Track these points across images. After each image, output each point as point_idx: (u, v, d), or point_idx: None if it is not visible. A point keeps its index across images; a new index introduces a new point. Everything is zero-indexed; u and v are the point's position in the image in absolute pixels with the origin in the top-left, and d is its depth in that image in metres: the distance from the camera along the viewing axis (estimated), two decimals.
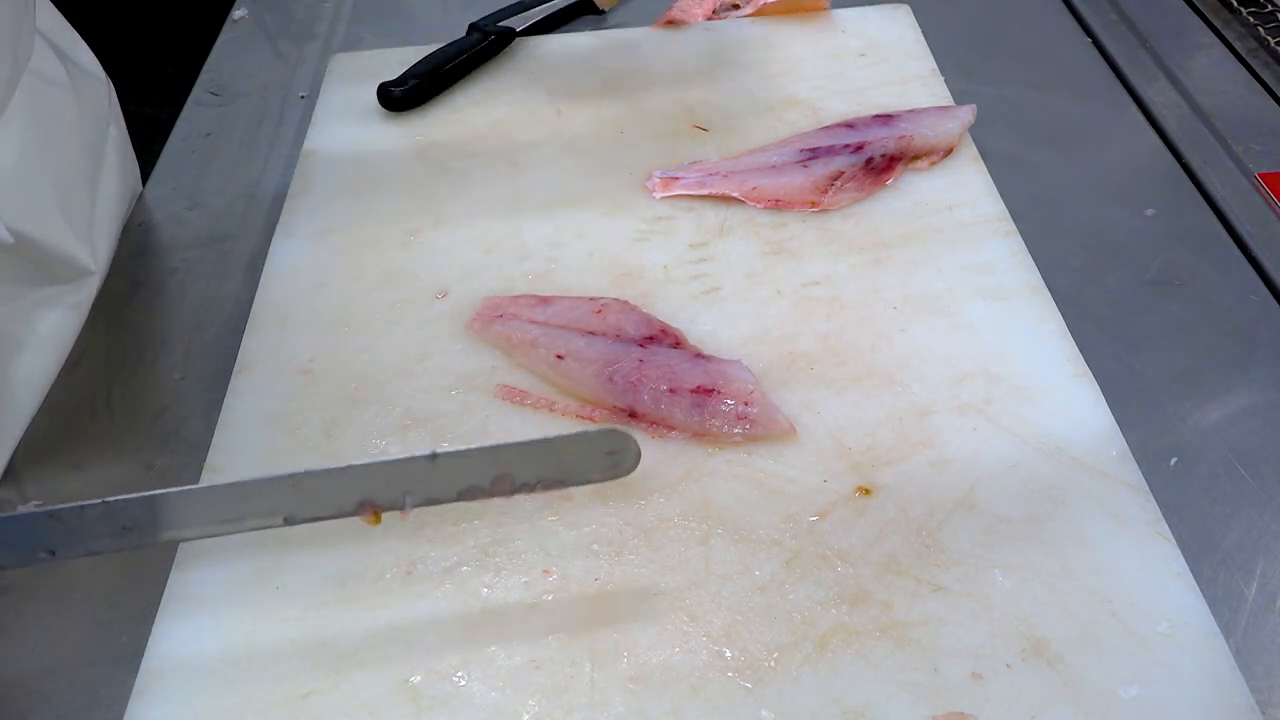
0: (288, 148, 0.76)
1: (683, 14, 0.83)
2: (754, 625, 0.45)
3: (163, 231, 0.70)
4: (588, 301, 0.59)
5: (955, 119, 0.70)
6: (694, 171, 0.69)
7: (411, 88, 0.75)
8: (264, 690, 0.44)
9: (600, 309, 0.58)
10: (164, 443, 0.56)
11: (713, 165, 0.69)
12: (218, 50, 0.88)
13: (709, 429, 0.52)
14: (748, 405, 0.52)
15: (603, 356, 0.55)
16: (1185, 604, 0.45)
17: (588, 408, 0.54)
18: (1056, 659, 0.44)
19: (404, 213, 0.68)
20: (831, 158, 0.67)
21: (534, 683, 0.44)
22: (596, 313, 0.58)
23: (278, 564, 0.48)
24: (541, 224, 0.66)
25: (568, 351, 0.55)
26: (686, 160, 0.70)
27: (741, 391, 0.53)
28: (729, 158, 0.70)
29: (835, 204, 0.66)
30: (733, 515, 0.50)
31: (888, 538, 0.48)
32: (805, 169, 0.67)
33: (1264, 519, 0.50)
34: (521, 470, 0.43)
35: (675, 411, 0.53)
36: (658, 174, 0.69)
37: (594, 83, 0.78)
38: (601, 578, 0.48)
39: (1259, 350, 0.58)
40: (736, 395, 0.53)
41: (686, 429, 0.53)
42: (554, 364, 0.55)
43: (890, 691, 0.43)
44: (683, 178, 0.68)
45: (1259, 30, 0.81)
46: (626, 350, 0.55)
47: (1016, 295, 0.59)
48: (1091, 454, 0.51)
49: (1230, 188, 0.68)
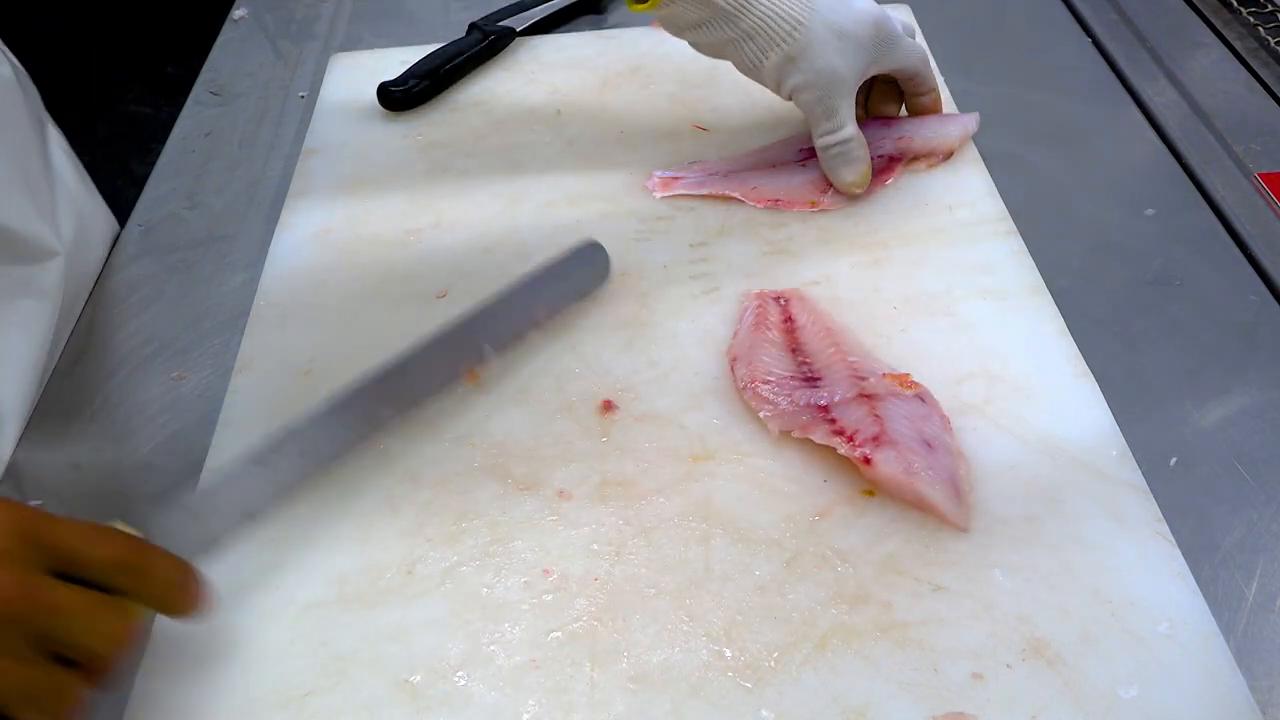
0: (287, 147, 0.76)
1: None
2: (754, 625, 0.45)
3: (163, 231, 0.70)
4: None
5: (957, 124, 0.69)
6: (694, 171, 0.69)
7: (411, 87, 0.75)
8: (264, 690, 0.44)
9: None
10: (164, 443, 0.56)
11: (712, 165, 0.69)
12: (218, 50, 0.89)
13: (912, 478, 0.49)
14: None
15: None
16: (1185, 604, 0.45)
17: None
18: (1056, 659, 0.44)
19: (404, 212, 0.68)
20: None
21: (534, 682, 0.44)
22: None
23: (278, 564, 0.48)
24: (541, 224, 0.66)
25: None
26: (686, 160, 0.70)
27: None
28: (728, 157, 0.70)
29: (834, 204, 0.65)
30: (733, 515, 0.50)
31: (888, 538, 0.48)
32: (804, 168, 0.67)
33: (1264, 519, 0.50)
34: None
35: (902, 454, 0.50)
36: (658, 174, 0.69)
37: (594, 83, 0.78)
38: (601, 577, 0.48)
39: (1259, 350, 0.58)
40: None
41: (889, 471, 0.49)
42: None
43: (890, 691, 0.43)
44: (683, 177, 0.68)
45: (1259, 30, 0.81)
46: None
47: (1016, 295, 0.59)
48: (1091, 454, 0.51)
49: (1230, 188, 0.68)
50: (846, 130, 0.63)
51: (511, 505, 0.50)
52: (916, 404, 0.52)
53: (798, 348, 0.56)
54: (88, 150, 1.37)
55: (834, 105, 0.63)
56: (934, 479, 0.48)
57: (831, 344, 0.56)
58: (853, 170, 0.64)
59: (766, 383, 0.54)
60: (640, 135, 0.73)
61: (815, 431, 0.52)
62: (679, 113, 0.75)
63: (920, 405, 0.52)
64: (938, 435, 0.51)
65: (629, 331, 0.59)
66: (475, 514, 0.50)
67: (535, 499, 0.51)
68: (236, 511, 0.46)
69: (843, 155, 0.64)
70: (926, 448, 0.50)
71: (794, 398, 0.53)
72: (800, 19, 0.60)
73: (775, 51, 0.61)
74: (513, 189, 0.69)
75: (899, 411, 0.51)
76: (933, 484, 0.48)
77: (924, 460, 0.49)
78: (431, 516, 0.50)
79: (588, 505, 0.50)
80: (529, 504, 0.50)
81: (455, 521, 0.50)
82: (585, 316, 0.60)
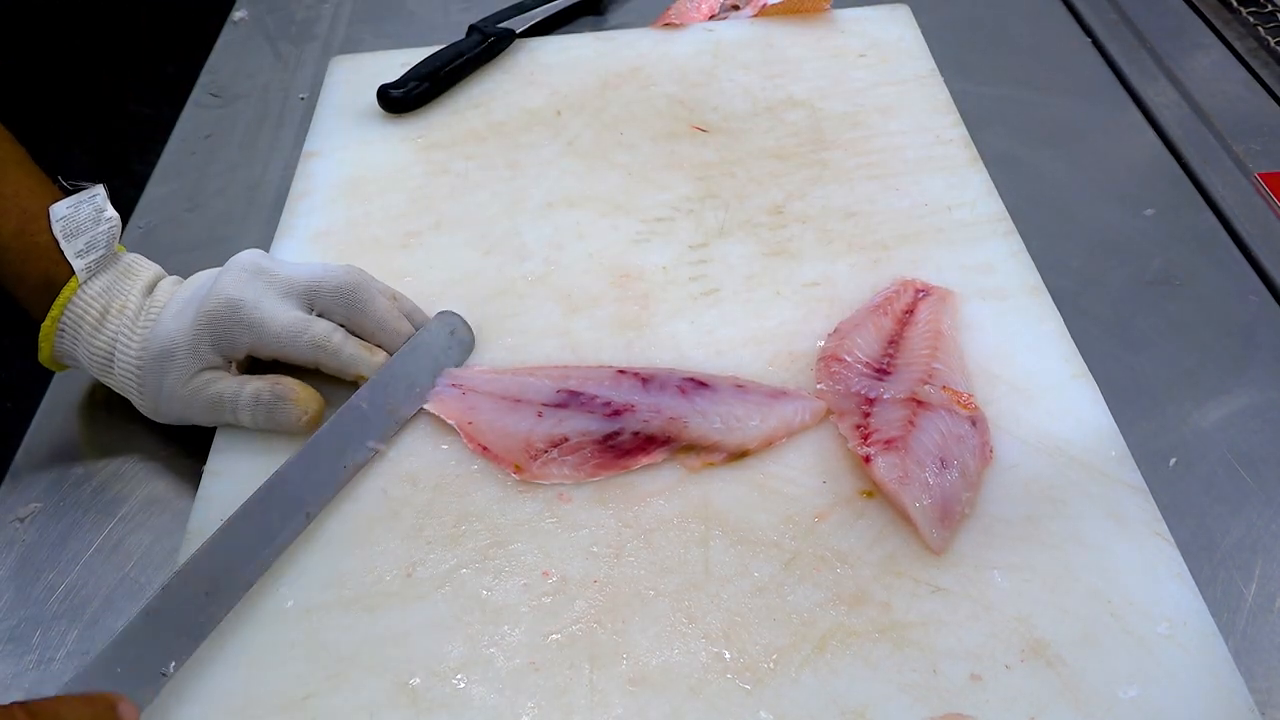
0: (288, 149, 0.76)
1: (679, 18, 0.83)
2: (753, 626, 0.45)
3: (163, 233, 0.70)
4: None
5: (772, 414, 0.53)
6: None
7: (411, 89, 0.75)
8: (264, 692, 0.44)
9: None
10: (164, 443, 0.56)
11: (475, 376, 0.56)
12: (218, 51, 0.89)
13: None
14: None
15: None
16: (1185, 604, 0.45)
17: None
18: (1056, 660, 0.44)
19: (403, 214, 0.68)
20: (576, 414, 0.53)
21: (533, 684, 0.44)
22: None
23: (278, 566, 0.48)
24: (541, 225, 0.66)
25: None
26: (687, 160, 0.70)
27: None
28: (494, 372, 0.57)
29: (543, 475, 0.51)
30: (732, 516, 0.50)
31: (887, 539, 0.48)
32: (538, 418, 0.53)
33: (1263, 519, 0.50)
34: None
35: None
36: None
37: (594, 83, 0.78)
38: (601, 579, 0.48)
39: (1259, 350, 0.58)
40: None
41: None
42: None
43: (889, 693, 0.43)
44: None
45: (1259, 30, 0.81)
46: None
47: (1016, 295, 0.59)
48: (1091, 454, 0.51)
49: (1230, 188, 0.68)
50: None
51: (511, 507, 0.50)
52: (963, 425, 0.51)
53: (896, 339, 0.56)
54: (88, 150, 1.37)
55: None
56: (923, 495, 0.48)
57: (929, 346, 0.55)
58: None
59: (840, 361, 0.55)
60: (640, 136, 0.73)
61: (844, 421, 0.52)
62: (679, 114, 0.75)
63: (966, 427, 0.51)
64: (962, 459, 0.50)
65: (629, 333, 0.59)
66: (475, 516, 0.50)
67: (535, 501, 0.51)
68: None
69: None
70: (939, 465, 0.49)
71: (851, 383, 0.53)
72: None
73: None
74: (512, 191, 0.69)
75: (937, 425, 0.51)
76: (918, 499, 0.48)
77: (927, 475, 0.49)
78: (431, 519, 0.50)
79: (587, 507, 0.50)
80: (528, 506, 0.50)
81: (455, 524, 0.50)
82: (585, 317, 0.60)
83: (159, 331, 0.53)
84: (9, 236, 0.54)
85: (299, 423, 0.53)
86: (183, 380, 0.53)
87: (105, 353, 0.54)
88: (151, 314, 0.54)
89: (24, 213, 0.54)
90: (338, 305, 0.54)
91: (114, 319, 0.54)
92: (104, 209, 0.55)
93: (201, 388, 0.53)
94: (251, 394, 0.53)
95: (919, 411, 0.52)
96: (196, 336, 0.52)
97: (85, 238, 0.54)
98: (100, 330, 0.54)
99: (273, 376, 0.54)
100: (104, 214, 0.55)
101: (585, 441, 0.52)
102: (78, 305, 0.54)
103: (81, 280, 0.54)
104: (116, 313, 0.54)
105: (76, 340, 0.54)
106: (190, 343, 0.52)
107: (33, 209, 0.54)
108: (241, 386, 0.53)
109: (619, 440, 0.52)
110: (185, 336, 0.53)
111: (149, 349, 0.53)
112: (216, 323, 0.52)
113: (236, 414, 0.53)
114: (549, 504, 0.50)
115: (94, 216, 0.54)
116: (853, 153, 0.70)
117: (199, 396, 0.53)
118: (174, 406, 0.54)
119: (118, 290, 0.55)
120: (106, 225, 0.55)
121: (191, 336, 0.52)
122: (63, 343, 0.54)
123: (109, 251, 0.55)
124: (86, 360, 0.55)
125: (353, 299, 0.54)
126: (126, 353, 0.54)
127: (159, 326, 0.54)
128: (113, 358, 0.54)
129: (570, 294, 0.61)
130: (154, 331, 0.54)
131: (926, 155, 0.69)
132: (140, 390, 0.54)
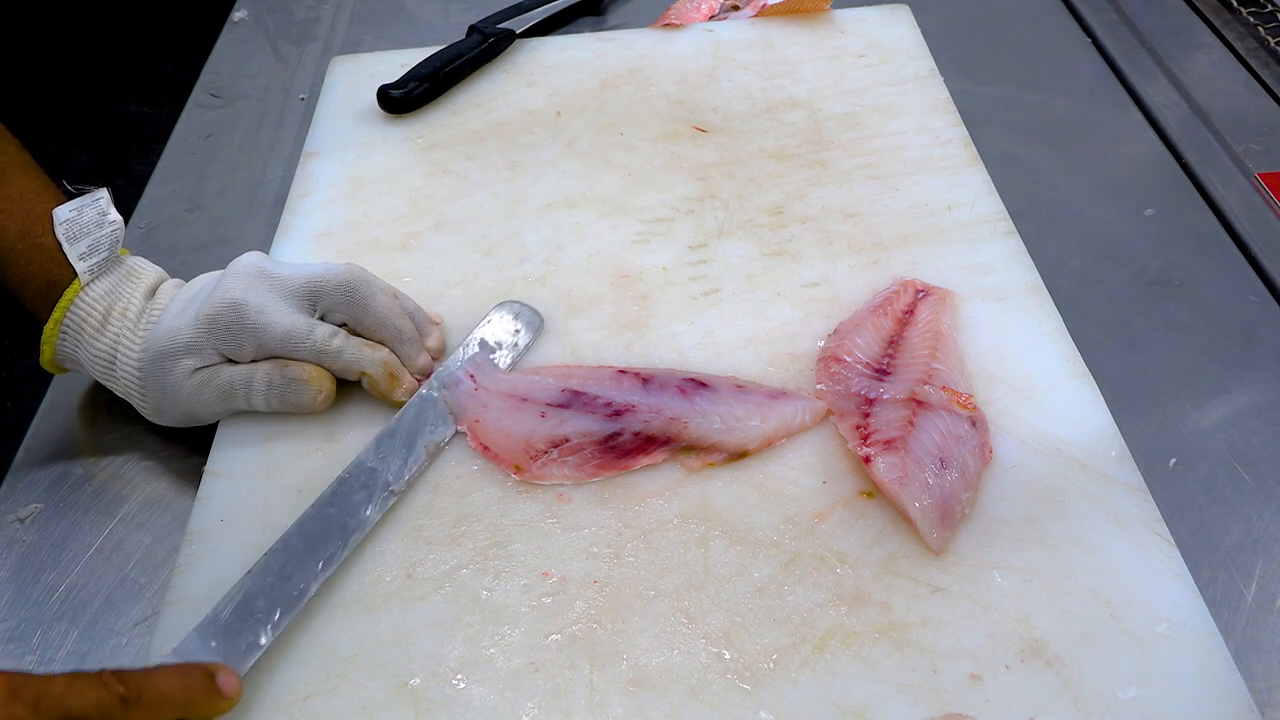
0: (288, 150, 0.76)
1: (679, 18, 0.83)
2: (753, 627, 0.45)
3: (163, 234, 0.70)
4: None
5: (772, 415, 0.53)
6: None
7: (411, 90, 0.75)
8: (264, 693, 0.44)
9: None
10: (164, 443, 0.56)
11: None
12: (218, 52, 0.89)
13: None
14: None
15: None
16: (1184, 604, 0.45)
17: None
18: (1055, 660, 0.44)
19: (403, 215, 0.68)
20: (577, 416, 0.53)
21: (533, 685, 0.44)
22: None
23: None
24: (541, 226, 0.66)
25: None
26: (686, 160, 0.70)
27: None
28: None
29: (542, 476, 0.52)
30: (732, 517, 0.50)
31: (887, 539, 0.48)
32: (541, 418, 0.53)
33: (1263, 519, 0.50)
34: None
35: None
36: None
37: (594, 84, 0.78)
38: (601, 580, 0.48)
39: (1259, 350, 0.58)
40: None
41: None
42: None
43: (889, 693, 0.43)
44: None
45: (1259, 30, 0.81)
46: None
47: (1016, 296, 0.59)
48: (1091, 454, 0.51)
49: (1230, 188, 0.68)
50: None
51: (511, 508, 0.50)
52: (963, 425, 0.51)
53: (896, 340, 0.56)
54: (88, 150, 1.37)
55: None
56: (922, 495, 0.48)
57: (929, 347, 0.55)
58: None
59: (840, 361, 0.55)
60: (640, 136, 0.73)
61: (844, 421, 0.52)
62: (679, 114, 0.75)
63: (965, 427, 0.51)
64: (962, 459, 0.50)
65: (629, 334, 0.59)
66: (474, 517, 0.50)
67: (534, 502, 0.51)
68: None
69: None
70: (939, 465, 0.49)
71: (851, 384, 0.54)
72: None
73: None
74: (512, 191, 0.69)
75: (936, 425, 0.51)
76: (917, 499, 0.48)
77: (926, 476, 0.49)
78: (430, 519, 0.50)
79: (587, 508, 0.50)
80: (528, 507, 0.50)
81: (454, 524, 0.50)
82: (585, 318, 0.60)
83: (159, 331, 0.53)
84: (14, 239, 0.54)
85: (314, 402, 0.53)
86: (188, 374, 0.53)
87: (107, 355, 0.54)
88: (153, 317, 0.54)
89: (28, 215, 0.55)
90: (339, 303, 0.54)
91: (116, 322, 0.54)
92: (107, 212, 0.55)
93: (211, 377, 0.53)
94: (264, 377, 0.53)
95: (919, 412, 0.52)
96: (199, 336, 0.53)
97: (88, 241, 0.54)
98: (102, 333, 0.54)
99: (280, 360, 0.54)
100: (107, 217, 0.55)
101: (586, 442, 0.52)
102: (80, 308, 0.54)
103: (84, 283, 0.54)
104: (119, 316, 0.54)
105: (78, 343, 0.54)
106: (192, 342, 0.53)
107: (37, 211, 0.55)
108: (252, 372, 0.53)
109: (619, 440, 0.52)
110: (186, 335, 0.53)
111: (150, 350, 0.53)
112: (220, 326, 0.52)
113: (250, 399, 0.53)
114: (549, 504, 0.50)
115: (97, 220, 0.54)
116: (852, 153, 0.70)
117: (209, 386, 0.53)
118: (180, 402, 0.54)
119: (120, 293, 0.55)
120: (109, 228, 0.55)
121: (193, 335, 0.53)
122: (65, 345, 0.54)
123: (112, 255, 0.55)
124: (88, 363, 0.55)
125: (354, 296, 0.54)
126: (128, 355, 0.54)
127: (159, 326, 0.54)
128: (114, 360, 0.54)
129: (570, 295, 0.61)
130: (154, 332, 0.54)
131: (926, 155, 0.69)
132: (142, 392, 0.54)
